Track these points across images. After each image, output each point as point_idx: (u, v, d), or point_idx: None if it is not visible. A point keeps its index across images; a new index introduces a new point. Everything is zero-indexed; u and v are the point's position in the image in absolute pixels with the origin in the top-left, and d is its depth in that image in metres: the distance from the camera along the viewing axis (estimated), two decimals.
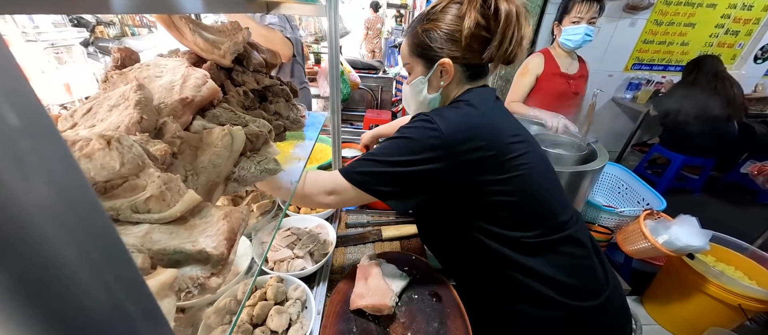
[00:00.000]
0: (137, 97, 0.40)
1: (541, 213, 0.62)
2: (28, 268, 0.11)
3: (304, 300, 0.65)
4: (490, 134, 0.57)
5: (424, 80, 0.66)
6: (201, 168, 0.42)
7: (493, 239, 0.63)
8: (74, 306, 0.13)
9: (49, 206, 0.12)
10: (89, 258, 0.13)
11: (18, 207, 0.11)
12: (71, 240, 0.13)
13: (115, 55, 0.51)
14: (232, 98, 0.62)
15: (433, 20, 0.62)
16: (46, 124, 0.12)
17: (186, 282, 0.29)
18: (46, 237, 0.12)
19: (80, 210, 0.13)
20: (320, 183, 0.64)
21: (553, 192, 0.64)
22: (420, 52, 0.64)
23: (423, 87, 0.67)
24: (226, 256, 0.31)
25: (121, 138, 0.33)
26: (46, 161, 0.12)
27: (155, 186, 0.33)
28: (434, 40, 0.61)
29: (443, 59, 0.61)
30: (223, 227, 0.33)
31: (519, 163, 0.59)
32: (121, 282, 0.15)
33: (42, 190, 0.11)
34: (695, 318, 1.30)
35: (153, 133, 0.40)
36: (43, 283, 0.12)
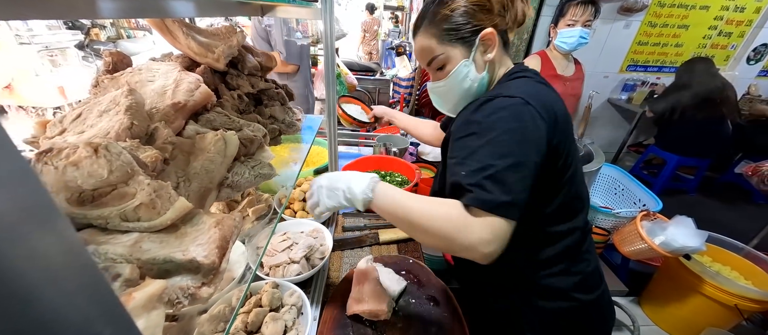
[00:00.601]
0: (128, 102, 0.39)
1: (578, 202, 0.61)
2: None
3: (300, 306, 0.64)
4: (564, 114, 0.56)
5: (468, 62, 0.60)
6: (193, 174, 0.41)
7: (528, 230, 0.57)
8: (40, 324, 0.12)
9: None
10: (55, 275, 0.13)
11: None
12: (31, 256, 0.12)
13: (106, 60, 0.51)
14: (227, 102, 0.61)
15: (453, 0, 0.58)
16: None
17: (176, 293, 0.29)
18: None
19: (44, 221, 0.12)
20: (463, 235, 0.47)
21: (583, 180, 0.63)
22: (453, 36, 0.59)
23: (469, 70, 0.60)
24: (217, 265, 0.31)
25: (110, 145, 0.32)
26: None
27: (145, 194, 0.33)
28: (466, 15, 0.57)
29: (485, 31, 0.57)
30: (215, 235, 0.32)
31: (573, 147, 0.58)
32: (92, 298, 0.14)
33: None
34: (692, 318, 1.30)
35: (144, 139, 0.39)
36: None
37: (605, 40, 2.52)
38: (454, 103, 0.66)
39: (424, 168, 1.52)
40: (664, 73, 2.72)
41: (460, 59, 0.60)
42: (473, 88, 0.62)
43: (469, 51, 0.59)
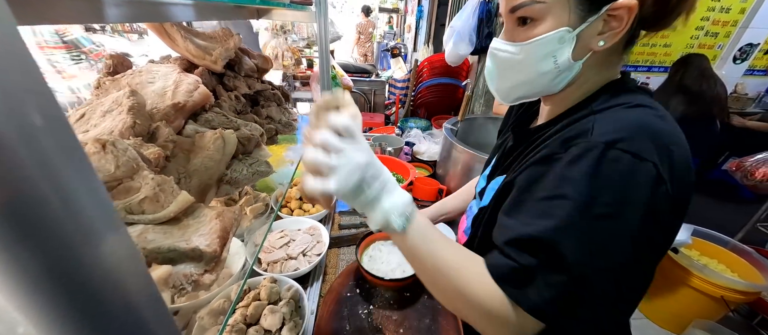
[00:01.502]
0: (130, 102, 0.41)
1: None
2: (53, 258, 0.13)
3: (297, 300, 0.66)
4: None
5: (570, 34, 0.37)
6: (193, 170, 0.43)
7: None
8: (90, 291, 0.15)
9: (69, 200, 0.13)
10: (102, 250, 0.15)
11: (44, 201, 0.12)
12: (87, 233, 0.14)
13: (107, 62, 0.52)
14: (224, 102, 0.63)
15: None
16: (65, 128, 0.13)
17: (180, 279, 0.31)
18: (65, 233, 0.13)
19: (94, 205, 0.15)
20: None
21: None
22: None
23: (563, 45, 0.38)
24: (219, 253, 0.32)
25: (116, 141, 0.34)
26: (65, 160, 0.13)
27: (149, 188, 0.34)
28: None
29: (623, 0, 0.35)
30: (216, 226, 0.34)
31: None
32: (131, 273, 0.16)
33: (64, 187, 0.13)
34: (681, 310, 1.34)
35: (146, 138, 0.41)
36: (64, 272, 0.13)
37: None
38: (512, 85, 0.45)
39: (419, 167, 1.55)
40: (653, 72, 2.78)
41: (559, 24, 0.37)
42: (549, 76, 0.41)
43: (582, 16, 0.37)
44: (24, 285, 0.13)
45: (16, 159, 0.11)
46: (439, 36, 3.75)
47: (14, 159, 0.11)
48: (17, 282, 0.13)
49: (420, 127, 1.97)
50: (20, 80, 0.11)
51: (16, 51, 0.11)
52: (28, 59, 0.12)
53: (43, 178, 0.12)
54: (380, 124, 2.76)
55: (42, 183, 0.12)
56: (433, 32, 4.06)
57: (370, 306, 0.72)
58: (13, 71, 0.11)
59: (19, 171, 0.11)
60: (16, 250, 0.12)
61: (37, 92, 0.12)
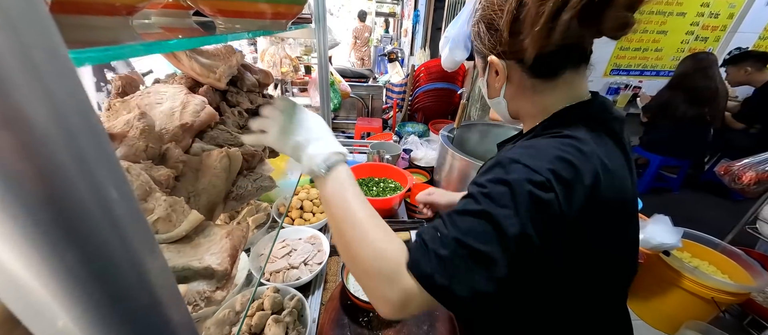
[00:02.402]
0: (142, 125, 0.43)
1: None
2: (89, 253, 0.14)
3: (300, 309, 0.68)
4: (610, 187, 0.40)
5: (483, 82, 0.53)
6: (202, 189, 0.45)
7: None
8: (120, 289, 0.16)
9: (106, 203, 0.15)
10: (134, 251, 0.17)
11: (82, 201, 0.14)
12: (122, 236, 0.16)
13: (116, 83, 0.55)
14: (228, 119, 0.65)
15: (478, 10, 0.49)
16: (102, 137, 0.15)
17: (194, 297, 0.33)
18: (103, 231, 0.15)
19: (131, 217, 0.17)
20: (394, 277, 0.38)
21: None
22: (476, 49, 0.52)
23: (484, 88, 0.54)
24: (229, 271, 0.35)
25: (130, 167, 0.36)
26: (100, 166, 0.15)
27: (162, 209, 0.37)
28: (479, 34, 0.49)
29: (490, 57, 0.47)
30: (226, 244, 0.37)
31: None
32: (156, 271, 0.18)
33: (102, 189, 0.15)
34: (673, 312, 1.37)
35: (157, 159, 0.43)
36: (101, 268, 0.15)
37: None
38: (499, 112, 0.57)
39: (417, 173, 1.57)
40: (646, 76, 2.83)
41: (481, 75, 0.53)
42: (499, 107, 0.54)
43: (484, 70, 0.51)
44: (67, 283, 0.14)
45: (69, 174, 0.13)
46: (435, 39, 3.80)
47: (67, 174, 0.13)
48: (60, 280, 0.14)
49: (417, 131, 2.00)
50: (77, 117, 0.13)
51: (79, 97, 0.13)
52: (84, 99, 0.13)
53: (91, 194, 0.14)
54: (378, 128, 2.79)
55: (88, 197, 0.14)
56: (430, 36, 4.10)
57: (369, 313, 0.74)
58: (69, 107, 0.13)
59: (69, 185, 0.13)
60: (62, 251, 0.13)
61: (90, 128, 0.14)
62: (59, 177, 0.12)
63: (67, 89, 0.12)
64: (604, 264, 0.45)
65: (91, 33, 0.25)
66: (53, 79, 0.12)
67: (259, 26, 0.45)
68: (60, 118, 0.12)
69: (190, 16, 0.59)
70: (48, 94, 0.11)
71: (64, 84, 0.12)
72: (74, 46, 0.16)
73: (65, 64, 0.12)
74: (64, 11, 0.23)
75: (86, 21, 0.24)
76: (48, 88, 0.11)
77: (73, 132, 0.12)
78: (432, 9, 3.98)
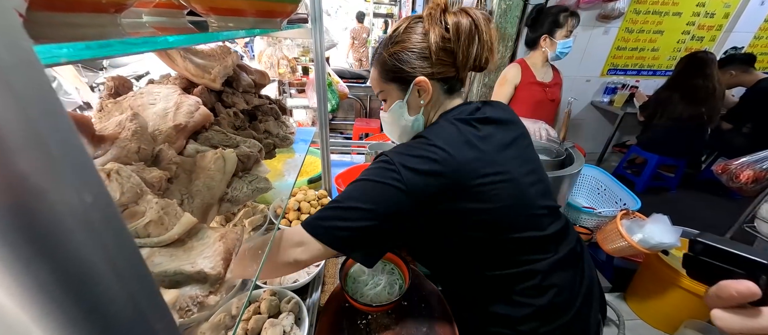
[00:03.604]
0: (134, 127, 0.42)
1: (509, 249, 0.60)
2: (62, 268, 0.13)
3: (297, 312, 0.67)
4: (453, 176, 0.54)
5: (402, 103, 0.65)
6: (196, 191, 0.44)
7: (469, 263, 0.64)
8: (100, 304, 0.15)
9: (81, 215, 0.14)
10: (114, 265, 0.16)
11: (54, 213, 0.13)
12: (100, 248, 0.15)
13: (108, 84, 0.54)
14: (223, 119, 0.64)
15: (399, 42, 0.62)
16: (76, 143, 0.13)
17: (186, 302, 0.32)
18: (79, 243, 0.14)
19: (107, 221, 0.15)
20: (289, 237, 0.58)
21: (524, 225, 0.60)
22: (393, 77, 0.64)
23: (402, 110, 0.66)
24: (223, 275, 0.34)
25: (120, 169, 0.35)
26: (76, 174, 0.13)
27: (154, 212, 0.36)
28: (405, 61, 0.62)
29: (418, 77, 0.61)
30: (220, 248, 0.36)
31: (483, 200, 0.56)
32: (139, 284, 0.17)
33: (74, 200, 0.13)
34: (673, 311, 1.37)
35: (150, 161, 0.43)
36: (76, 283, 0.14)
37: (586, 46, 2.62)
38: (397, 135, 0.73)
39: None
40: (642, 76, 2.84)
41: (396, 99, 0.66)
42: (408, 126, 0.68)
43: (404, 93, 0.64)
44: (39, 296, 0.13)
45: (39, 173, 0.12)
46: None
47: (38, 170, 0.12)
48: (33, 293, 0.13)
49: None
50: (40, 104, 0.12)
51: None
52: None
53: (62, 201, 0.13)
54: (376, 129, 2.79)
55: (59, 205, 0.13)
56: None
57: (368, 315, 0.74)
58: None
59: (36, 194, 0.12)
60: (34, 265, 0.12)
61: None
62: (24, 186, 0.11)
63: (30, 85, 0.11)
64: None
65: (77, 31, 0.24)
66: (14, 73, 0.11)
67: (253, 24, 0.44)
68: (23, 119, 0.11)
69: (184, 16, 0.58)
70: (7, 89, 0.11)
71: (26, 79, 0.11)
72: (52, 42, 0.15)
73: (28, 58, 0.11)
74: (46, 8, 0.22)
75: (71, 18, 0.24)
76: (7, 83, 0.10)
77: (39, 135, 0.11)
78: None
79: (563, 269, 0.63)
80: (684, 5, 2.54)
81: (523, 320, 0.61)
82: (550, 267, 0.61)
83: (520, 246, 0.60)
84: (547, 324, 0.61)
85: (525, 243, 0.60)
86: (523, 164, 0.63)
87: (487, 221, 0.57)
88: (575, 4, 2.33)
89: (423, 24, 0.61)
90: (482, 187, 0.55)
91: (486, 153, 0.57)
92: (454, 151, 0.54)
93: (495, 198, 0.56)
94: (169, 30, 0.51)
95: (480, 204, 0.55)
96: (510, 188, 0.58)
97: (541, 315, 0.61)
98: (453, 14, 0.59)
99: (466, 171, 0.54)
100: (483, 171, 0.55)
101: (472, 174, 0.55)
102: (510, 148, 0.62)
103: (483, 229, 0.58)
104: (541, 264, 0.61)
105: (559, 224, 0.65)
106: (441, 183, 0.53)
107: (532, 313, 0.60)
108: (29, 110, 0.11)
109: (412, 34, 0.62)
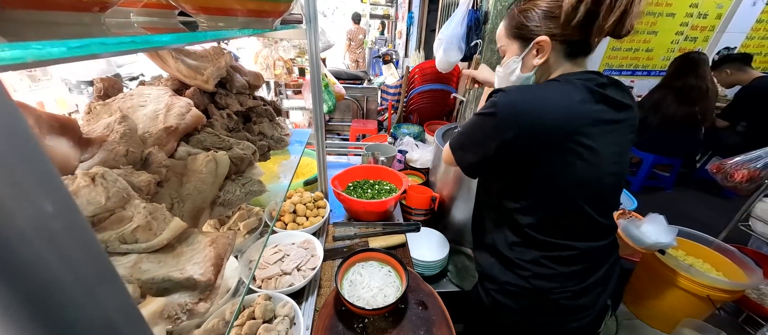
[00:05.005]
0: (122, 129, 0.41)
1: (559, 223, 0.64)
2: (27, 286, 0.12)
3: (292, 317, 0.66)
4: (548, 120, 0.57)
5: (517, 59, 0.66)
6: (186, 195, 0.43)
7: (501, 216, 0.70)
8: (69, 323, 0.14)
9: (43, 229, 0.12)
10: (84, 280, 0.14)
11: (14, 228, 0.12)
12: (66, 263, 0.13)
13: (97, 86, 0.52)
14: (216, 121, 0.63)
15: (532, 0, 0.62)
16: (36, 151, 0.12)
17: (175, 309, 0.31)
18: (42, 259, 0.13)
19: (74, 235, 0.14)
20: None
21: (587, 201, 0.62)
22: (516, 34, 0.65)
23: (516, 66, 0.67)
24: (213, 282, 0.33)
25: (105, 173, 0.34)
26: (39, 187, 0.12)
27: (141, 217, 0.35)
28: (531, 19, 0.62)
29: (540, 37, 0.61)
30: (210, 253, 0.35)
31: (562, 163, 0.59)
32: (113, 302, 0.16)
33: (36, 214, 0.12)
34: (670, 310, 1.37)
35: (139, 164, 0.41)
36: (41, 301, 0.13)
37: None
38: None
39: (412, 175, 1.56)
40: (637, 76, 2.86)
41: (513, 54, 0.67)
42: (517, 82, 0.68)
43: (522, 50, 0.65)
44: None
45: None
46: (430, 41, 3.80)
47: None
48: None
49: (413, 132, 1.99)
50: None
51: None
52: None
53: (18, 211, 0.12)
54: (374, 130, 2.78)
55: (21, 221, 0.12)
56: (424, 38, 4.11)
57: (364, 319, 0.73)
58: None
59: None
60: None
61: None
62: None
63: None
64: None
65: (56, 30, 0.23)
66: None
67: (244, 24, 0.43)
68: None
69: (175, 16, 0.57)
70: None
71: None
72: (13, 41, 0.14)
73: None
74: (23, 6, 0.21)
75: (50, 17, 0.23)
76: None
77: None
78: (426, 11, 3.99)
79: (595, 257, 0.68)
80: (677, 6, 2.56)
81: (537, 277, 0.66)
82: (585, 250, 0.65)
83: (572, 218, 0.64)
84: (561, 288, 0.66)
85: (577, 216, 0.63)
86: (614, 154, 0.63)
87: (557, 175, 0.60)
88: None
89: None
90: (572, 147, 0.58)
91: (589, 118, 0.58)
92: (556, 101, 0.57)
93: (574, 167, 0.59)
94: (158, 30, 0.50)
95: (558, 158, 0.59)
96: (591, 168, 0.60)
97: (558, 278, 0.65)
98: None
99: (558, 124, 0.57)
100: (574, 132, 0.57)
101: (563, 130, 0.57)
102: (613, 133, 0.62)
103: (550, 183, 0.61)
104: (580, 244, 0.65)
105: (610, 221, 0.69)
106: (532, 125, 0.57)
107: (551, 275, 0.65)
108: None
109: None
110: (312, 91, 0.91)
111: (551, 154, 0.59)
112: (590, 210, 0.63)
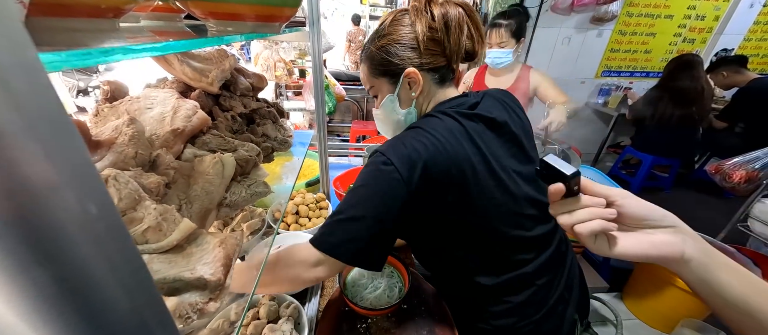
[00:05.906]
0: (131, 131, 0.42)
1: (495, 250, 0.61)
2: (65, 272, 0.13)
3: (296, 317, 0.67)
4: (444, 165, 0.53)
5: (393, 97, 0.65)
6: (194, 196, 0.44)
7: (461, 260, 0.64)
8: (101, 310, 0.15)
9: (82, 222, 0.13)
10: (115, 268, 0.15)
11: (55, 218, 0.12)
12: (102, 253, 0.14)
13: (104, 89, 0.53)
14: (221, 123, 0.64)
15: (386, 35, 0.62)
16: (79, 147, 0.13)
17: (186, 309, 0.31)
18: (80, 248, 0.13)
19: (109, 226, 0.15)
20: (304, 258, 0.56)
21: (510, 225, 0.60)
22: (382, 71, 0.64)
23: (394, 104, 0.65)
24: (223, 282, 0.33)
25: (118, 175, 0.35)
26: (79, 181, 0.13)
27: (152, 218, 0.35)
28: (393, 54, 0.61)
29: (408, 69, 0.60)
30: (220, 254, 0.35)
31: (472, 195, 0.56)
32: (141, 290, 0.17)
33: (75, 208, 0.13)
34: (669, 310, 1.38)
35: (147, 166, 0.42)
36: (77, 287, 0.14)
37: (580, 48, 2.65)
38: (391, 131, 0.72)
39: None
40: (636, 77, 2.88)
41: (386, 93, 0.65)
42: (401, 120, 0.67)
43: (394, 86, 0.64)
44: (38, 305, 0.13)
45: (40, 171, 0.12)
46: None
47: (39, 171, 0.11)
48: (33, 302, 0.13)
49: None
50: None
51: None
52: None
53: (65, 210, 0.12)
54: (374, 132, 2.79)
55: (63, 214, 0.12)
56: None
57: (368, 319, 0.73)
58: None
59: (39, 203, 0.12)
60: (34, 273, 0.12)
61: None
62: (27, 194, 0.11)
63: (33, 91, 0.11)
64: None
65: (75, 36, 0.24)
66: (16, 78, 0.10)
67: (252, 29, 0.44)
68: (27, 124, 0.11)
69: (181, 20, 0.57)
70: (11, 94, 0.10)
71: (29, 85, 0.11)
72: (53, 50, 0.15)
73: (33, 63, 0.11)
74: (44, 13, 0.22)
75: (69, 23, 0.23)
76: (9, 88, 0.10)
77: (42, 141, 0.11)
78: None
79: (548, 271, 0.64)
80: (675, 8, 2.58)
81: (496, 317, 0.64)
82: (536, 269, 0.62)
83: (506, 247, 0.61)
84: (523, 320, 0.63)
85: (511, 243, 0.61)
86: (517, 163, 0.62)
87: (474, 216, 0.57)
88: (569, 6, 2.36)
89: (409, 16, 0.61)
90: (472, 180, 0.55)
91: (478, 147, 0.57)
92: (446, 140, 0.54)
93: (483, 195, 0.56)
94: (166, 34, 0.51)
95: (468, 198, 0.56)
96: (498, 186, 0.58)
97: (516, 311, 0.63)
98: (439, 5, 0.59)
99: (457, 162, 0.54)
100: (473, 164, 0.55)
101: (464, 166, 0.54)
102: (503, 147, 0.61)
103: (470, 225, 0.58)
104: (528, 267, 0.62)
105: (547, 226, 0.64)
106: (434, 171, 0.53)
107: (508, 309, 0.63)
108: (31, 115, 0.11)
109: (399, 26, 0.61)
110: (314, 93, 0.91)
111: (458, 192, 0.56)
112: (519, 232, 0.60)
